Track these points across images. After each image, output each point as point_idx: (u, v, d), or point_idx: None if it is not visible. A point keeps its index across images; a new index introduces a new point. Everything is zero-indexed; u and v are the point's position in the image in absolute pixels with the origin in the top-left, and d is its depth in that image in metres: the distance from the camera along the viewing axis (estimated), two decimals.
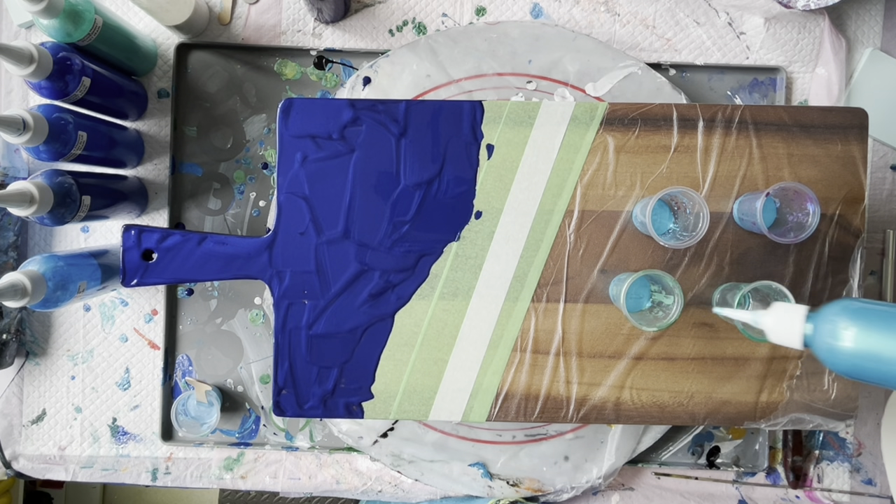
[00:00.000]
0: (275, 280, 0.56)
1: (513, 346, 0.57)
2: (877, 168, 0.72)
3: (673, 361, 0.57)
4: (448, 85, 0.68)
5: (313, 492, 0.73)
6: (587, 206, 0.56)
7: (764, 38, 0.71)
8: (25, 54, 0.52)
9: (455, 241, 0.57)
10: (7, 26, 0.73)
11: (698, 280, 0.56)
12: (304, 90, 0.72)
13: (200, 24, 0.70)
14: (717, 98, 0.71)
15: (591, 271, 0.57)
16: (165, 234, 0.56)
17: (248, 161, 0.72)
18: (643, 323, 0.51)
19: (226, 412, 0.72)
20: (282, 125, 0.56)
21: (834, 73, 0.70)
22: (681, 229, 0.55)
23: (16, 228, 0.71)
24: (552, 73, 0.68)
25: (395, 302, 0.57)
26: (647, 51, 0.72)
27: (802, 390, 0.56)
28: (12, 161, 0.71)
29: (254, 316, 0.72)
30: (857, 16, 0.72)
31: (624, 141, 0.56)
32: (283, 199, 0.56)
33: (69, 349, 0.73)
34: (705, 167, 0.56)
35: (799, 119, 0.56)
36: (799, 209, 0.52)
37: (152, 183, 0.72)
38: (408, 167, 0.56)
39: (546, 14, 0.72)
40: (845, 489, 0.72)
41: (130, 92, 0.68)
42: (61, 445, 0.73)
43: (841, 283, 0.56)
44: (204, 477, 0.73)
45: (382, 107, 0.56)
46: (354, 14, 0.72)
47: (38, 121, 0.54)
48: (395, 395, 0.57)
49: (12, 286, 0.54)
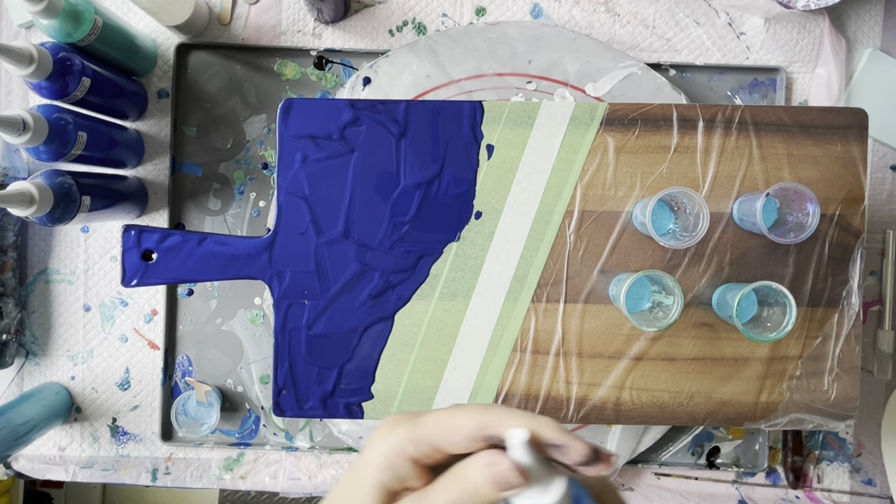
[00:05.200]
0: (275, 280, 0.56)
1: (513, 347, 0.57)
2: (877, 168, 0.72)
3: (673, 362, 0.57)
4: (448, 85, 0.68)
5: (313, 492, 0.73)
6: (587, 207, 0.56)
7: (764, 39, 0.71)
8: (25, 54, 0.52)
9: (455, 241, 0.57)
10: (7, 26, 0.73)
11: (698, 280, 0.56)
12: (304, 90, 0.72)
13: (200, 24, 0.70)
14: (717, 98, 0.71)
15: (591, 271, 0.57)
16: (165, 235, 0.56)
17: (248, 161, 0.72)
18: (643, 323, 0.51)
19: (226, 412, 0.72)
20: (282, 125, 0.56)
21: (834, 74, 0.70)
22: (681, 229, 0.55)
23: (16, 228, 0.71)
24: (552, 74, 0.68)
25: (395, 302, 0.57)
26: (647, 51, 0.72)
27: (802, 391, 0.56)
28: (12, 161, 0.71)
29: (254, 316, 0.72)
30: (857, 16, 0.72)
31: (624, 141, 0.56)
32: (283, 199, 0.56)
33: (69, 349, 0.73)
34: (705, 167, 0.56)
35: (799, 119, 0.56)
36: (799, 209, 0.52)
37: (152, 183, 0.72)
38: (408, 167, 0.56)
39: (546, 14, 0.72)
40: (845, 489, 0.72)
41: (130, 92, 0.68)
42: (61, 445, 0.73)
43: (841, 284, 0.56)
44: (204, 477, 0.73)
45: (382, 107, 0.56)
46: (354, 14, 0.72)
47: (38, 121, 0.54)
48: (395, 396, 0.57)
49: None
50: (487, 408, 0.28)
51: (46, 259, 0.73)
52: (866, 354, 0.71)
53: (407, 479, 0.29)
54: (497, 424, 0.27)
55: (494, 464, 0.26)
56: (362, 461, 0.29)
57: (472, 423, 0.28)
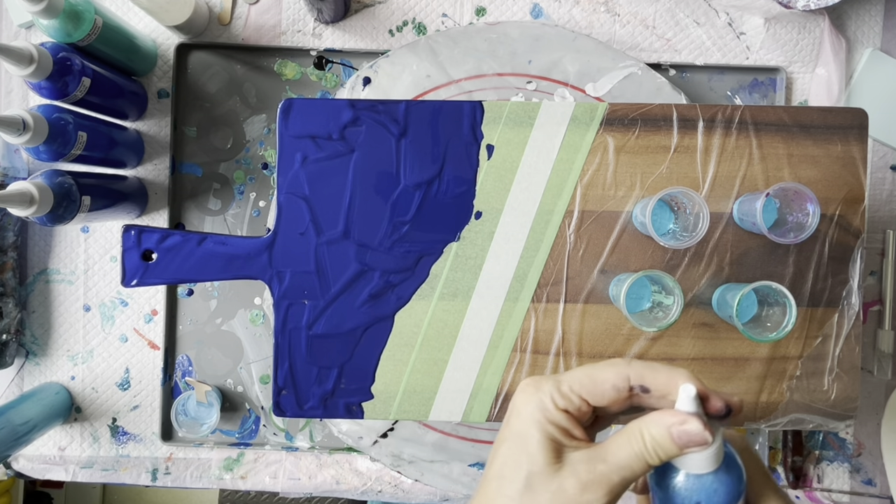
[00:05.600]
0: (275, 280, 0.56)
1: (513, 347, 0.57)
2: (877, 168, 0.72)
3: (673, 362, 0.57)
4: (448, 85, 0.68)
5: (313, 492, 0.73)
6: (587, 207, 0.56)
7: (764, 39, 0.71)
8: (25, 54, 0.52)
9: (455, 241, 0.57)
10: (7, 26, 0.73)
11: (698, 280, 0.56)
12: (304, 90, 0.72)
13: (200, 24, 0.70)
14: (717, 98, 0.71)
15: (591, 271, 0.57)
16: (165, 235, 0.56)
17: (248, 161, 0.72)
18: (643, 323, 0.51)
19: (226, 412, 0.72)
20: (282, 125, 0.56)
21: (834, 74, 0.70)
22: (681, 229, 0.55)
23: (16, 228, 0.71)
24: (552, 74, 0.68)
25: (395, 302, 0.57)
26: (647, 51, 0.72)
27: (802, 391, 0.56)
28: (12, 161, 0.71)
29: (254, 316, 0.72)
30: (857, 16, 0.72)
31: (624, 141, 0.56)
32: (283, 199, 0.56)
33: (69, 349, 0.73)
34: (705, 167, 0.56)
35: (799, 119, 0.56)
36: (799, 209, 0.52)
37: (152, 183, 0.72)
38: (408, 167, 0.56)
39: (546, 14, 0.72)
40: (845, 489, 0.72)
41: (130, 92, 0.68)
42: (61, 446, 0.73)
43: (841, 284, 0.56)
44: (204, 477, 0.73)
45: (382, 107, 0.56)
46: (354, 14, 0.72)
47: (38, 121, 0.54)
48: (395, 396, 0.57)
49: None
50: (625, 362, 0.30)
51: (46, 259, 0.73)
52: (866, 354, 0.71)
53: (568, 429, 0.30)
54: (641, 377, 0.30)
55: (683, 422, 0.27)
56: (520, 422, 0.31)
57: (616, 375, 0.30)
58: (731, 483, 0.29)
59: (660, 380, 0.29)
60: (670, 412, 0.28)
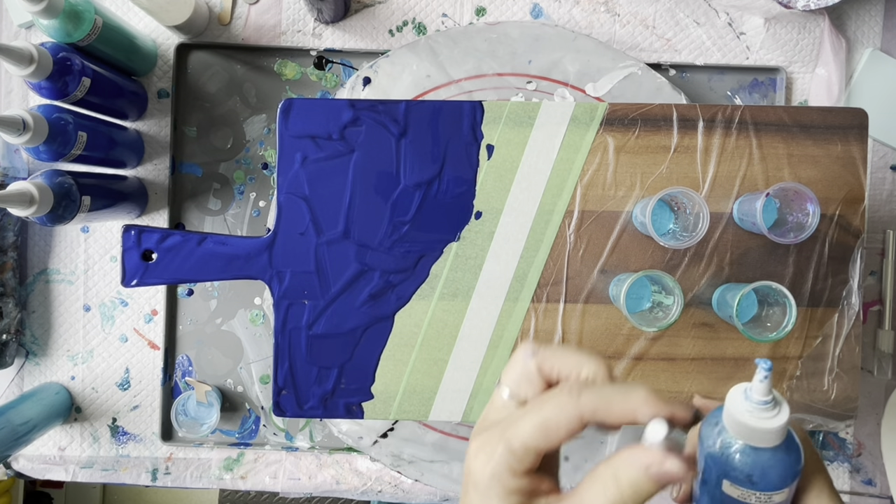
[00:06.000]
0: (275, 280, 0.56)
1: (513, 347, 0.57)
2: (877, 168, 0.72)
3: (673, 362, 0.57)
4: (448, 85, 0.68)
5: (313, 492, 0.73)
6: (587, 207, 0.56)
7: (764, 39, 0.71)
8: (25, 54, 0.52)
9: (455, 241, 0.57)
10: (7, 26, 0.73)
11: (698, 280, 0.56)
12: (304, 90, 0.72)
13: (200, 24, 0.70)
14: (717, 98, 0.71)
15: (591, 271, 0.57)
16: (165, 235, 0.56)
17: (248, 161, 0.72)
18: (643, 323, 0.51)
19: (226, 412, 0.72)
20: (282, 125, 0.56)
21: (834, 74, 0.70)
22: (681, 229, 0.55)
23: (16, 228, 0.71)
24: (552, 74, 0.68)
25: (395, 302, 0.57)
26: (647, 51, 0.72)
27: (802, 391, 0.56)
28: (12, 161, 0.71)
29: (254, 316, 0.72)
30: (857, 16, 0.72)
31: (624, 141, 0.56)
32: (283, 199, 0.56)
33: (69, 349, 0.73)
34: (705, 167, 0.56)
35: (799, 119, 0.56)
36: (799, 209, 0.52)
37: (152, 183, 0.72)
38: (408, 167, 0.56)
39: (546, 14, 0.72)
40: (845, 489, 0.72)
41: (130, 92, 0.68)
42: (61, 446, 0.73)
43: (841, 284, 0.56)
44: (204, 477, 0.73)
45: (382, 107, 0.56)
46: (354, 14, 0.72)
47: (38, 121, 0.54)
48: (395, 396, 0.57)
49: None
50: (574, 397, 0.28)
51: (46, 259, 0.73)
52: (866, 354, 0.71)
53: (531, 489, 0.29)
54: (594, 413, 0.28)
55: (662, 462, 0.26)
56: (480, 496, 0.29)
57: (569, 421, 0.28)
58: (788, 463, 0.27)
59: (615, 411, 0.28)
60: (641, 450, 0.27)
